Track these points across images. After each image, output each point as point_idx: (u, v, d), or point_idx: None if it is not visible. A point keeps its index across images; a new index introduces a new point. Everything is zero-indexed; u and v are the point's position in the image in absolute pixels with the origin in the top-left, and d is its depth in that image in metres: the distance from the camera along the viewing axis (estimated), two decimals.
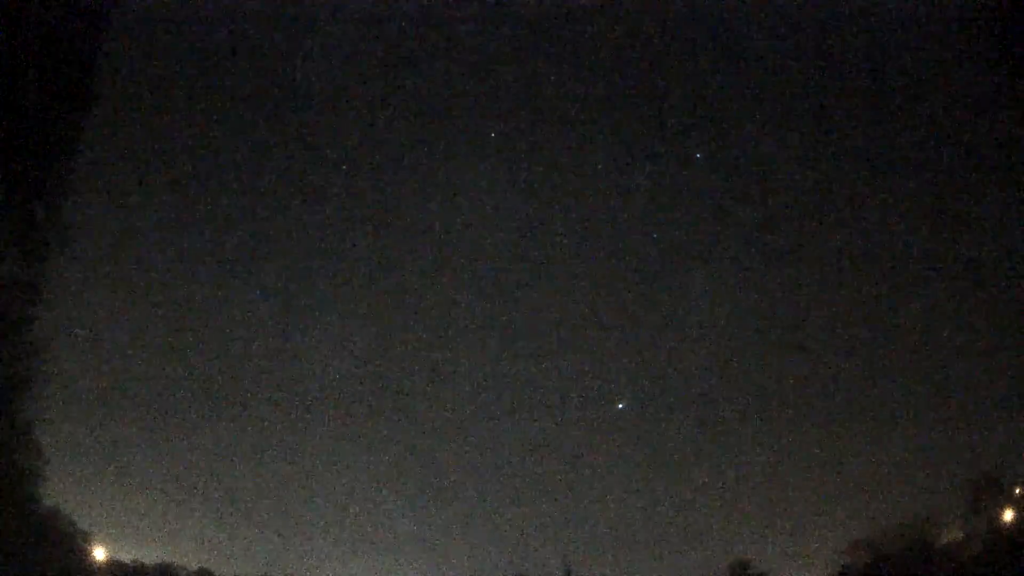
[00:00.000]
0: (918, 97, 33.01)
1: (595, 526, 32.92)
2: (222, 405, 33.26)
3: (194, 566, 31.60)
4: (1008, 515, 28.84)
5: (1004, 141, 31.15)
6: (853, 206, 33.78)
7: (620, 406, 33.71)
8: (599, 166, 34.91)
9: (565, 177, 35.02)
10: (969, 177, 32.34)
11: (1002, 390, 30.33)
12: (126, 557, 30.73)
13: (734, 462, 32.93)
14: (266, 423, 33.43)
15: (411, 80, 35.08)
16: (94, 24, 27.48)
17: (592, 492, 33.49)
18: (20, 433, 27.36)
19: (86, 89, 27.64)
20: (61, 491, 28.84)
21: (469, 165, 34.84)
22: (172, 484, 32.54)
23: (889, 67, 33.41)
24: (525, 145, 34.88)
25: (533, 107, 34.90)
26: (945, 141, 32.60)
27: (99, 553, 29.83)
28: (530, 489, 33.55)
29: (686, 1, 34.04)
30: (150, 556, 31.17)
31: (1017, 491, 29.10)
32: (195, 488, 32.77)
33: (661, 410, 33.72)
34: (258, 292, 34.24)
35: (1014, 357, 30.51)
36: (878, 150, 33.53)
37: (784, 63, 33.91)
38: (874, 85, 33.54)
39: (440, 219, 35.09)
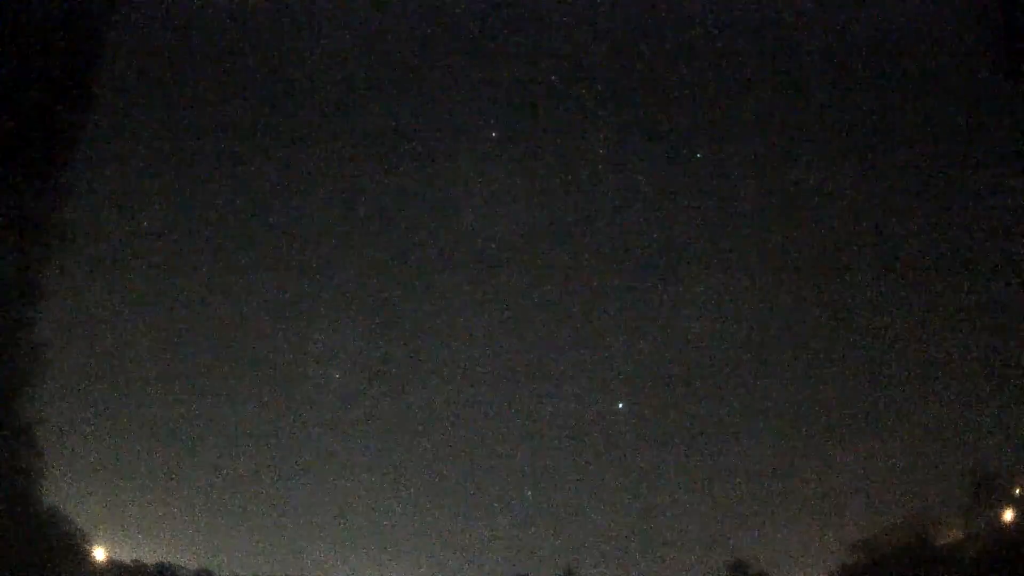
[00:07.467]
0: (920, 97, 33.03)
1: (595, 526, 32.94)
2: (222, 405, 33.27)
3: (194, 566, 31.59)
4: (1008, 515, 28.84)
5: (1006, 141, 31.21)
6: (854, 206, 33.82)
7: (620, 406, 33.74)
8: (599, 166, 34.95)
9: (565, 177, 35.06)
10: (970, 176, 32.36)
11: (1002, 390, 30.37)
12: (126, 557, 30.71)
13: (734, 462, 32.94)
14: (266, 423, 33.45)
15: (411, 81, 35.14)
16: (94, 24, 27.51)
17: (592, 492, 33.52)
18: (20, 433, 27.37)
19: (86, 89, 27.68)
20: (61, 491, 28.91)
21: (468, 165, 34.89)
22: (172, 484, 32.56)
23: (890, 66, 33.44)
24: (525, 145, 34.93)
25: (533, 107, 34.95)
26: (947, 141, 32.63)
27: (99, 553, 29.83)
28: (530, 489, 33.58)
29: (687, 1, 34.11)
30: (150, 556, 31.17)
31: (1017, 491, 29.10)
32: (195, 488, 32.80)
33: (661, 410, 33.74)
34: (259, 292, 34.28)
35: (1014, 356, 30.54)
36: (879, 150, 33.56)
37: (785, 63, 33.96)
38: (875, 85, 33.58)
39: (439, 219, 35.17)
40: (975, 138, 32.00)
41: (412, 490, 33.57)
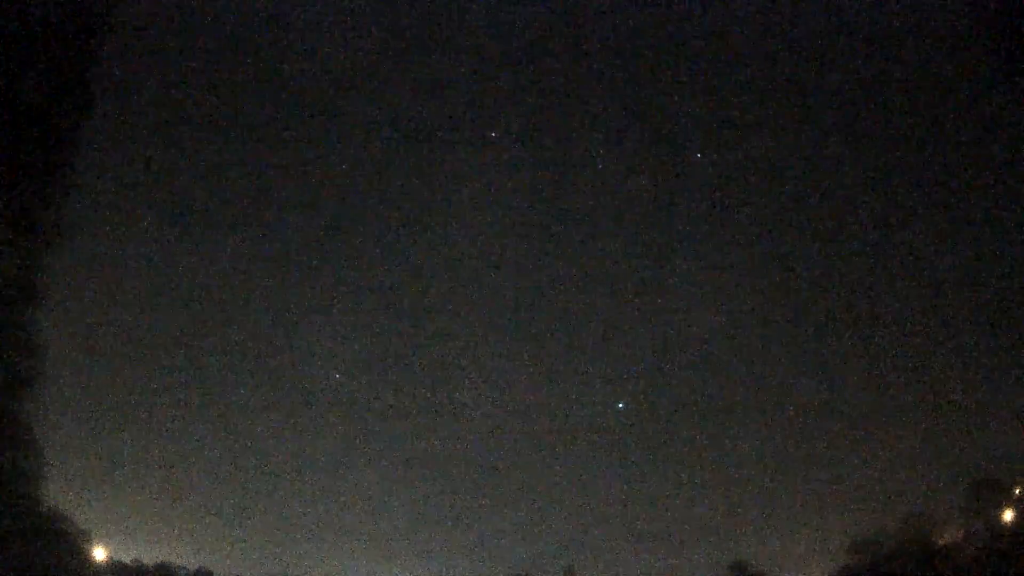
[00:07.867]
0: (919, 97, 33.07)
1: (595, 526, 32.95)
2: (222, 405, 33.32)
3: (194, 566, 31.59)
4: (1008, 515, 28.84)
5: (1005, 141, 31.24)
6: (853, 206, 33.85)
7: (620, 406, 33.76)
8: (599, 166, 34.98)
9: (565, 177, 35.08)
10: (970, 177, 32.40)
11: (1002, 390, 30.39)
12: (126, 557, 30.73)
13: (734, 462, 32.97)
14: (266, 423, 33.47)
15: (411, 81, 35.15)
16: (94, 24, 27.49)
17: (592, 492, 33.55)
18: (20, 433, 27.35)
19: (86, 89, 27.66)
20: (61, 491, 28.87)
21: (469, 165, 34.91)
22: (172, 484, 32.58)
23: (890, 66, 33.45)
24: (524, 145, 34.96)
25: (533, 108, 34.98)
26: (945, 141, 32.66)
27: (99, 553, 29.83)
28: (530, 489, 33.61)
29: (686, 1, 34.14)
30: (150, 556, 31.18)
31: (1017, 491, 29.11)
32: (195, 488, 32.81)
33: (661, 410, 33.76)
34: (259, 292, 34.29)
35: (1014, 357, 30.56)
36: (878, 150, 33.60)
37: (785, 63, 33.97)
38: (874, 85, 33.60)
39: (439, 220, 35.18)
40: (975, 138, 32.04)
41: (412, 490, 33.63)
